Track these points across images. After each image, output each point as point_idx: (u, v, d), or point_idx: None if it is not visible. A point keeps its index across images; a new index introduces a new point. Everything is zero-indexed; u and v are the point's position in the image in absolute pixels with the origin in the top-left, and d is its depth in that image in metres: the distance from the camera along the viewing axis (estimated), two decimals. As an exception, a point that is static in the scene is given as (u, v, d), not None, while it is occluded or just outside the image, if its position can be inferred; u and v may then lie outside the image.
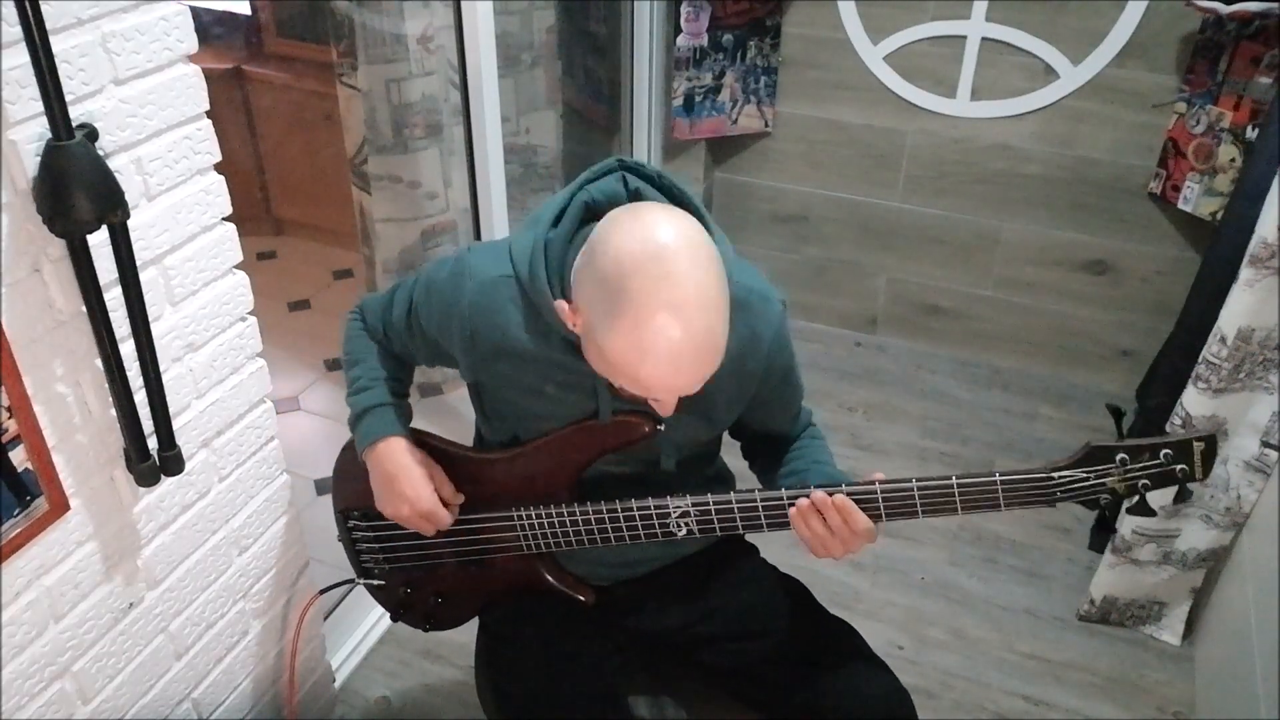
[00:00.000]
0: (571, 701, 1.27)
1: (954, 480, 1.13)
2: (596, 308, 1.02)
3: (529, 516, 1.29)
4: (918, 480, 1.14)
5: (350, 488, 1.41)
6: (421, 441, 1.34)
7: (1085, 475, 1.12)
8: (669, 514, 1.23)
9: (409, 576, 1.45)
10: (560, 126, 2.86)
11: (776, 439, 1.38)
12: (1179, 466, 1.10)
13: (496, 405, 1.30)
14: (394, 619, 1.51)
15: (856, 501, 1.15)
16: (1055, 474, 1.12)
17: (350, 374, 1.37)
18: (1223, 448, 1.87)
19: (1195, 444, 1.09)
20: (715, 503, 1.22)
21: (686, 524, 1.23)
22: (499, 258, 1.20)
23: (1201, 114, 2.35)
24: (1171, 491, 1.14)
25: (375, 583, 1.48)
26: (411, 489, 1.27)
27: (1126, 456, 1.11)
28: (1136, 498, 1.12)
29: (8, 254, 1.04)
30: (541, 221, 1.18)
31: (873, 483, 1.16)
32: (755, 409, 1.31)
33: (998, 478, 1.13)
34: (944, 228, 2.88)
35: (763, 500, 1.20)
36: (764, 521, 1.21)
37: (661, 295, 0.97)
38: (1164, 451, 1.10)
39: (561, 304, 1.09)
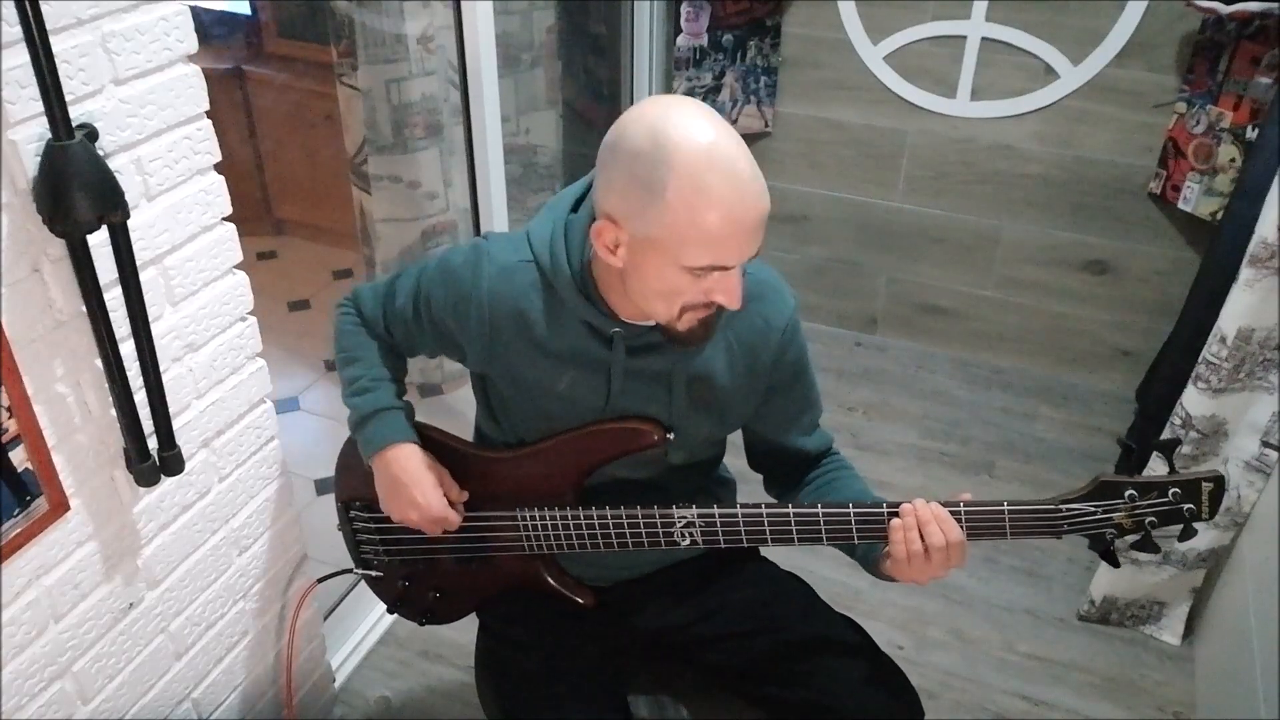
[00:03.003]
0: (571, 702, 1.27)
1: (961, 507, 1.13)
2: (639, 189, 1.01)
3: (532, 517, 1.28)
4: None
5: (353, 479, 1.40)
6: (426, 436, 1.32)
7: (1093, 509, 1.12)
8: (673, 523, 1.22)
9: (408, 570, 1.44)
10: (560, 126, 2.87)
11: (793, 457, 1.35)
12: (1187, 506, 1.10)
13: (503, 402, 1.29)
14: (390, 611, 1.51)
15: (858, 525, 1.16)
16: (1063, 506, 1.12)
17: (348, 372, 1.33)
18: (1223, 448, 1.87)
19: (1204, 484, 1.10)
20: (721, 515, 1.21)
21: (690, 534, 1.23)
22: (518, 245, 1.20)
23: (1201, 114, 2.35)
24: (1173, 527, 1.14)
25: (373, 574, 1.48)
26: (423, 497, 1.25)
27: (1135, 493, 1.11)
28: (1142, 534, 1.12)
29: (8, 254, 1.04)
30: (560, 206, 1.18)
31: (881, 505, 1.16)
32: (766, 411, 1.30)
33: (1005, 507, 1.13)
34: (944, 228, 2.88)
35: (769, 516, 1.19)
36: (769, 537, 1.20)
37: (697, 129, 0.99)
38: (1172, 490, 1.10)
39: (597, 226, 1.06)
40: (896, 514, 1.14)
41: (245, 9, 3.39)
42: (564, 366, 1.20)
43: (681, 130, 0.99)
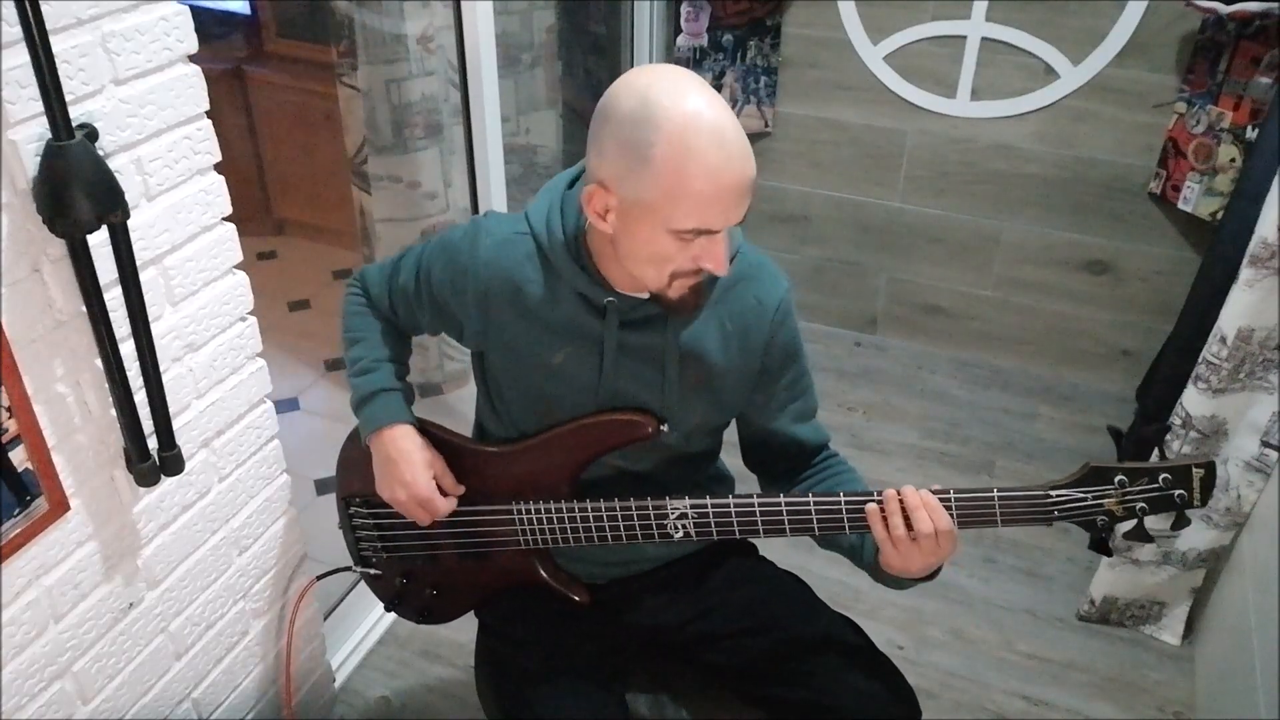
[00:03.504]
0: (571, 700, 1.27)
1: (951, 495, 1.13)
2: (628, 152, 1.02)
3: (528, 511, 1.29)
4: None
5: (353, 476, 1.41)
6: (425, 431, 1.33)
7: (1083, 496, 1.11)
8: (667, 515, 1.23)
9: (406, 567, 1.45)
10: (560, 126, 2.87)
11: (786, 446, 1.34)
12: (1178, 492, 1.09)
13: (500, 384, 1.30)
14: (388, 609, 1.51)
15: (849, 514, 1.15)
16: (1053, 493, 1.12)
17: (352, 352, 1.36)
18: (1223, 448, 1.87)
19: (1195, 470, 1.09)
20: (713, 506, 1.21)
21: (684, 525, 1.23)
22: (515, 220, 1.24)
23: (1201, 114, 2.35)
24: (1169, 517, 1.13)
25: (372, 572, 1.48)
26: (410, 474, 1.27)
27: (1125, 479, 1.10)
28: (1134, 521, 1.12)
29: (8, 254, 1.04)
30: (557, 184, 1.22)
31: (873, 494, 1.15)
32: (760, 396, 1.30)
33: (995, 494, 1.12)
34: (944, 228, 2.88)
35: (761, 505, 1.20)
36: (761, 527, 1.21)
37: (685, 94, 1.01)
38: (1163, 476, 1.10)
39: (587, 191, 1.08)
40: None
41: (245, 9, 3.39)
42: (558, 340, 1.21)
43: (670, 95, 1.01)
